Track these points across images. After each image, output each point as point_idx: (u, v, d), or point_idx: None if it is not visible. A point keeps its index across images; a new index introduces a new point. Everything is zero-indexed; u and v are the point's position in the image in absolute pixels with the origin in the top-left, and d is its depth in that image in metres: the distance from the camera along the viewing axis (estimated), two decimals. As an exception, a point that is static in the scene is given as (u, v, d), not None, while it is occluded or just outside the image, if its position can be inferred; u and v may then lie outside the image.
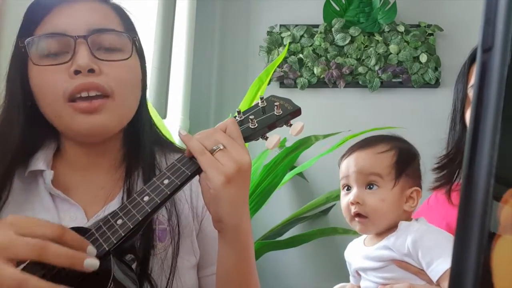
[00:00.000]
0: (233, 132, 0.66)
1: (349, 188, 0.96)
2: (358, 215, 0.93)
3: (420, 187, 0.97)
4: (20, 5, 0.78)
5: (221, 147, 0.64)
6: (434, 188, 1.14)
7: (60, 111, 0.72)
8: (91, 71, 0.70)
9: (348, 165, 0.96)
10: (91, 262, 0.54)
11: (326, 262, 2.15)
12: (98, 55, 0.72)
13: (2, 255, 0.51)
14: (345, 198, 0.96)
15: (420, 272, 0.86)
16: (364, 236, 1.00)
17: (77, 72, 0.70)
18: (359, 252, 0.96)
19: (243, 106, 1.65)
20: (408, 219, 0.95)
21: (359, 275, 0.98)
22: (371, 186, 0.93)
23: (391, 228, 0.92)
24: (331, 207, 2.16)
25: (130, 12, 0.81)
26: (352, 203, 0.93)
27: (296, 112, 0.73)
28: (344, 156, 0.99)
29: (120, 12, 0.80)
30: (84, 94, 0.71)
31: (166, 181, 0.65)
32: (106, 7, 0.78)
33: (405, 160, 0.95)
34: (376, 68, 2.33)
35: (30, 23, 0.74)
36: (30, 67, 0.74)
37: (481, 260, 0.26)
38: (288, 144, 2.01)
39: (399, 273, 0.89)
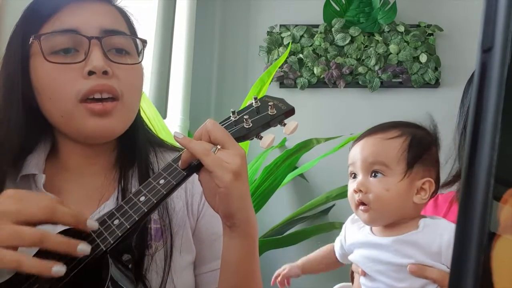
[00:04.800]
0: (217, 130, 0.66)
1: (355, 176, 0.92)
2: (362, 203, 0.88)
3: (435, 177, 0.90)
4: (20, 5, 0.77)
5: (219, 147, 0.65)
6: (443, 186, 1.12)
7: (71, 111, 0.72)
8: (105, 73, 0.71)
9: (355, 152, 0.92)
10: (83, 248, 0.57)
11: (326, 262, 2.15)
12: (111, 57, 0.73)
13: (8, 244, 0.55)
14: (351, 186, 0.91)
15: (439, 277, 0.82)
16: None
17: (91, 73, 0.71)
18: (368, 239, 0.90)
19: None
20: (418, 212, 0.90)
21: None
22: (376, 174, 0.88)
23: (400, 221, 0.88)
24: (331, 206, 2.16)
25: (133, 15, 0.82)
26: (355, 191, 0.89)
27: (290, 111, 0.73)
28: (354, 142, 0.94)
29: (125, 15, 0.81)
30: (97, 96, 0.71)
31: (162, 181, 0.65)
32: (114, 10, 0.78)
33: (419, 149, 0.89)
34: (376, 68, 2.33)
35: (36, 20, 0.73)
36: (37, 64, 0.73)
37: (481, 260, 0.26)
38: (289, 146, 2.01)
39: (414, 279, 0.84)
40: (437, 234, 0.84)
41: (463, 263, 0.26)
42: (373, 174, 0.89)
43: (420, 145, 0.90)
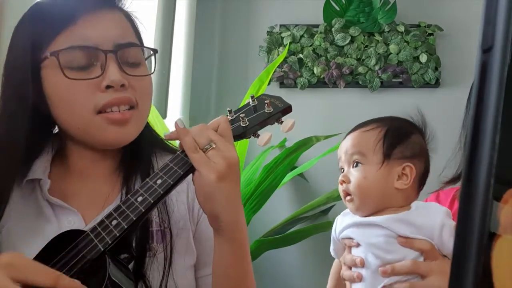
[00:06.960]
0: (225, 130, 0.69)
1: (344, 170, 0.95)
2: (347, 194, 0.92)
3: (420, 163, 0.92)
4: (20, 6, 0.77)
5: (214, 146, 0.65)
6: (450, 182, 1.15)
7: (88, 123, 0.73)
8: (122, 86, 0.73)
9: (340, 147, 0.97)
10: None
11: (324, 262, 2.15)
12: (126, 70, 0.74)
13: None
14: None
15: (428, 247, 0.84)
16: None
17: (109, 87, 0.72)
18: (360, 219, 0.91)
19: (243, 106, 1.65)
20: (406, 201, 0.91)
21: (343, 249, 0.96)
22: (356, 164, 0.92)
23: (385, 208, 0.89)
24: (331, 207, 2.15)
25: (137, 17, 0.82)
26: (340, 183, 0.93)
27: (287, 109, 0.73)
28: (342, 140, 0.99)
29: (133, 23, 0.81)
30: (115, 109, 0.73)
31: (159, 181, 0.66)
32: (124, 18, 0.79)
33: (395, 137, 0.92)
34: (376, 68, 2.33)
35: (49, 31, 0.73)
36: (52, 77, 0.73)
37: (481, 260, 0.26)
38: (289, 144, 2.01)
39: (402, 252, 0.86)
40: (430, 216, 0.86)
41: (463, 263, 0.26)
42: (354, 165, 0.93)
43: (397, 134, 0.93)
